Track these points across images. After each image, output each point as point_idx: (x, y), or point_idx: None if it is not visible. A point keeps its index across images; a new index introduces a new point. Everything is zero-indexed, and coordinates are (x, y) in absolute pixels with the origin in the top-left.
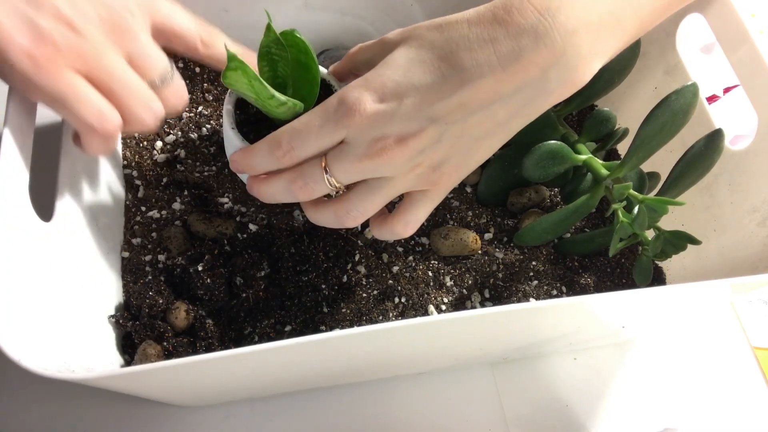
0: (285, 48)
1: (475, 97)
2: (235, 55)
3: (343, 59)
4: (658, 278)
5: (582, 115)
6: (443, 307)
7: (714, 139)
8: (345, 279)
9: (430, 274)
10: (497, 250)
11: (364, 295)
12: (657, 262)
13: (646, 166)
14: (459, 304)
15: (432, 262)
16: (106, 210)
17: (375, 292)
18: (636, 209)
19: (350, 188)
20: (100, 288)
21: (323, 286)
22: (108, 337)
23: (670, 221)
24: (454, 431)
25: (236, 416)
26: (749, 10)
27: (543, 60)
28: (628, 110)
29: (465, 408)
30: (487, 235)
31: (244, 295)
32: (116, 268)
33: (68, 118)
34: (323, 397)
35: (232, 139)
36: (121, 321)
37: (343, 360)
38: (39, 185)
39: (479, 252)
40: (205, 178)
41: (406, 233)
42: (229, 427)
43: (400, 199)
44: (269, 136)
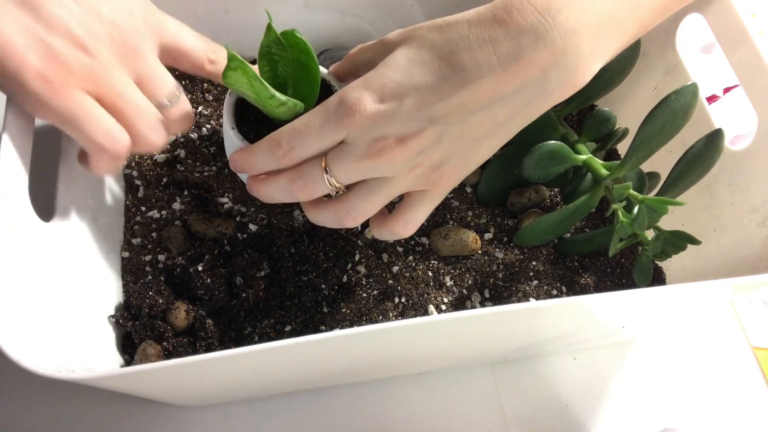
0: (285, 48)
1: (475, 98)
2: (235, 55)
3: (344, 60)
4: (658, 278)
5: (582, 115)
6: (443, 307)
7: (714, 139)
8: (345, 279)
9: (430, 274)
10: (497, 250)
11: (364, 295)
12: (657, 262)
13: (646, 166)
14: (459, 304)
15: (432, 262)
16: (106, 210)
17: (375, 292)
18: (636, 209)
19: (350, 188)
20: (100, 288)
21: (323, 286)
22: (108, 337)
23: (670, 221)
24: (454, 431)
25: (236, 416)
26: (749, 10)
27: (543, 60)
28: (628, 110)
29: (465, 408)
30: (487, 235)
31: (244, 295)
32: (116, 268)
33: (77, 138)
34: (323, 397)
35: (232, 139)
36: (121, 321)
37: (343, 360)
38: (39, 185)
39: (479, 252)
40: (205, 178)
41: (406, 233)
42: (228, 427)
43: (400, 199)
44: (269, 136)
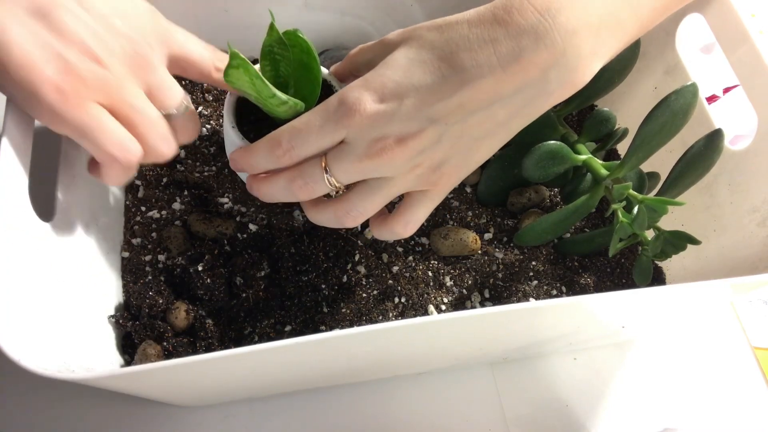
0: (287, 48)
1: (475, 98)
2: (237, 53)
3: (344, 60)
4: (658, 278)
5: (582, 115)
6: (443, 307)
7: (714, 139)
8: (345, 279)
9: (430, 274)
10: (497, 250)
11: (364, 295)
12: (657, 262)
13: (646, 166)
14: (459, 304)
15: (432, 262)
16: (106, 210)
17: (375, 292)
18: (636, 209)
19: (350, 188)
20: (100, 288)
21: (323, 286)
22: (108, 337)
23: (670, 221)
24: (454, 431)
25: (236, 416)
26: (749, 10)
27: (543, 61)
28: (628, 110)
29: (465, 408)
30: (487, 235)
31: (244, 295)
32: (116, 268)
33: (91, 149)
34: (323, 397)
35: (232, 138)
36: (121, 321)
37: (343, 360)
38: (39, 185)
39: (479, 252)
40: (205, 178)
41: (405, 233)
42: (228, 427)
43: (400, 199)
44: (269, 135)
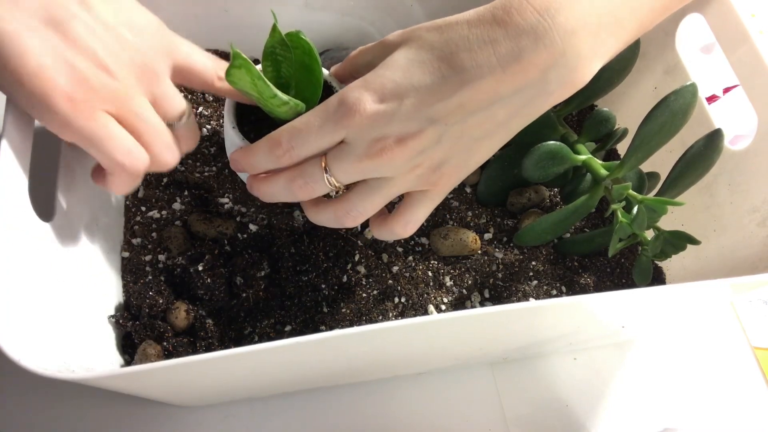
0: (290, 49)
1: (475, 98)
2: (239, 53)
3: (344, 62)
4: (657, 278)
5: (582, 115)
6: (443, 307)
7: (713, 139)
8: (345, 279)
9: (429, 274)
10: (497, 250)
11: (364, 295)
12: (657, 262)
13: (646, 166)
14: (459, 304)
15: (432, 262)
16: (106, 210)
17: (375, 292)
18: (635, 209)
19: (350, 188)
20: (100, 288)
21: (323, 286)
22: (108, 337)
23: (669, 221)
24: (454, 431)
25: (236, 416)
26: (749, 10)
27: (542, 61)
28: (628, 110)
29: (465, 408)
30: (487, 235)
31: (244, 295)
32: (116, 268)
33: (99, 157)
34: (323, 397)
35: (232, 139)
36: (121, 321)
37: (343, 360)
38: (39, 185)
39: (479, 252)
40: (206, 178)
41: (405, 233)
42: (228, 427)
43: (400, 199)
44: (269, 135)
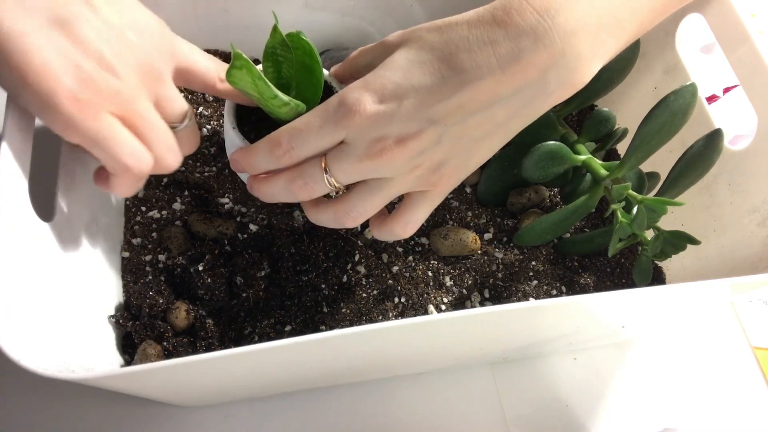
0: (290, 50)
1: (475, 99)
2: (240, 53)
3: (344, 62)
4: (657, 278)
5: (582, 115)
6: (443, 307)
7: (713, 139)
8: (345, 279)
9: (429, 274)
10: (497, 250)
11: (364, 295)
12: (657, 262)
13: (646, 166)
14: (459, 304)
15: (432, 262)
16: (106, 210)
17: (375, 292)
18: (635, 209)
19: (350, 189)
20: (100, 288)
21: (323, 286)
22: (108, 337)
23: (669, 221)
24: (454, 431)
25: (236, 416)
26: (749, 10)
27: (542, 61)
28: (628, 110)
29: (465, 408)
30: (487, 235)
31: (244, 295)
32: (116, 268)
33: (104, 158)
34: (323, 397)
35: (233, 139)
36: (121, 321)
37: (343, 360)
38: (39, 185)
39: (479, 252)
40: (206, 178)
41: (405, 234)
42: (228, 427)
43: (400, 200)
44: (269, 136)
